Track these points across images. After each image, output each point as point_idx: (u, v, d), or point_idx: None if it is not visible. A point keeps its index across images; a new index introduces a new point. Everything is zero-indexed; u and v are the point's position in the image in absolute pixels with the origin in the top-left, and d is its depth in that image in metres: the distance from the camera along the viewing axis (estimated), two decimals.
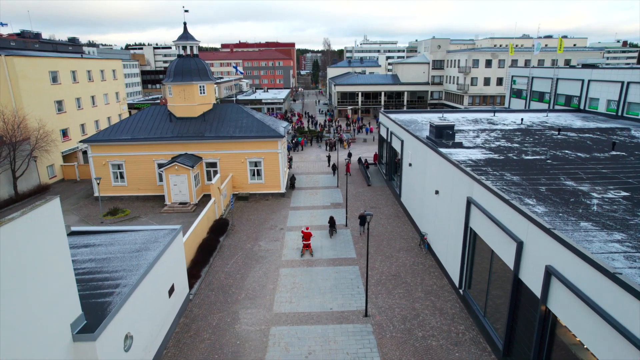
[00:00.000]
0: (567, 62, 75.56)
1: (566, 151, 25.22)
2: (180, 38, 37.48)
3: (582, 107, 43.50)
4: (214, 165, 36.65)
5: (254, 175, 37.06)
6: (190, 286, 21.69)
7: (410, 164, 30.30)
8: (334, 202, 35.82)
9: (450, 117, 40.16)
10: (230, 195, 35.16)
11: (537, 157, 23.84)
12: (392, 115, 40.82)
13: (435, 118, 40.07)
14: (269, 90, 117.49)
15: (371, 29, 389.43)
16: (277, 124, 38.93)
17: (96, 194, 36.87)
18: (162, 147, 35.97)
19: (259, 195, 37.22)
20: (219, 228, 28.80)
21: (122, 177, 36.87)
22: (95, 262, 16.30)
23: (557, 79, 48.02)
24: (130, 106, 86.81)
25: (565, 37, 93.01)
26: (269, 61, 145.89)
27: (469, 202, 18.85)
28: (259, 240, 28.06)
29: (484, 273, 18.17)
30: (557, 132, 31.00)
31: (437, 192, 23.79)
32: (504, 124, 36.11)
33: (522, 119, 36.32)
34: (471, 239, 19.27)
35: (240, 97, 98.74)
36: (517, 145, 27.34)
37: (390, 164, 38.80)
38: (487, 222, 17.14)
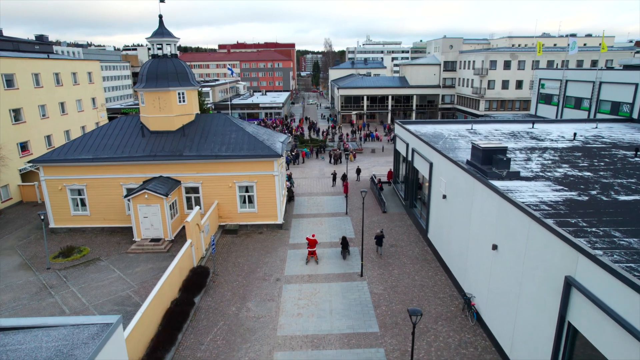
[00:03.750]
0: (594, 63, 68.81)
1: None
2: (155, 34, 30.66)
3: (635, 116, 36.72)
4: (195, 190, 29.82)
5: (244, 202, 30.21)
6: None
7: (444, 196, 23.46)
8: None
9: (482, 130, 33.42)
10: (214, 231, 28.38)
11: (637, 196, 17.01)
12: (412, 127, 34.01)
13: (463, 130, 33.34)
14: (267, 93, 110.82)
15: (374, 31, 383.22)
16: (273, 139, 32.11)
17: (51, 226, 30.11)
18: (131, 169, 29.16)
19: (250, 227, 30.37)
20: (196, 281, 21.94)
21: (83, 204, 30.03)
22: None
23: (601, 83, 41.22)
24: (117, 111, 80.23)
25: (589, 35, 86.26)
26: (267, 62, 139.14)
27: (569, 284, 12.02)
28: (248, 300, 21.20)
29: None
30: (633, 153, 24.18)
31: (495, 248, 16.95)
32: (551, 139, 29.32)
33: (575, 134, 29.50)
34: (570, 339, 12.43)
35: (236, 100, 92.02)
36: (589, 174, 20.54)
37: (411, 187, 31.94)
38: (615, 330, 10.33)
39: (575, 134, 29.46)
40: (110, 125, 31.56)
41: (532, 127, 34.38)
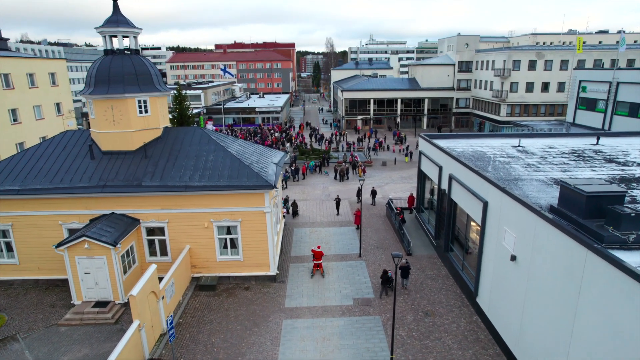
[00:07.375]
0: (631, 63, 61.29)
1: None
2: (108, 23, 23.07)
3: None
4: (159, 231, 22.25)
5: (225, 247, 22.65)
6: None
7: (513, 257, 15.88)
8: (361, 294, 21.40)
9: (532, 147, 25.94)
10: (184, 287, 20.82)
11: None
12: (442, 143, 26.53)
13: (509, 148, 25.89)
14: (265, 95, 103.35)
15: (378, 32, 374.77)
16: (264, 161, 24.55)
17: None
18: (74, 204, 21.61)
19: (234, 279, 22.81)
20: None
21: (9, 250, 22.50)
22: None
23: None
24: None
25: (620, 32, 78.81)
26: (266, 63, 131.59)
27: None
28: None
29: None
30: None
31: None
32: (638, 163, 21.84)
33: None
34: None
35: (230, 104, 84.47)
36: None
37: (447, 225, 24.32)
38: None
39: None
40: (51, 143, 24.03)
41: (597, 143, 26.88)
